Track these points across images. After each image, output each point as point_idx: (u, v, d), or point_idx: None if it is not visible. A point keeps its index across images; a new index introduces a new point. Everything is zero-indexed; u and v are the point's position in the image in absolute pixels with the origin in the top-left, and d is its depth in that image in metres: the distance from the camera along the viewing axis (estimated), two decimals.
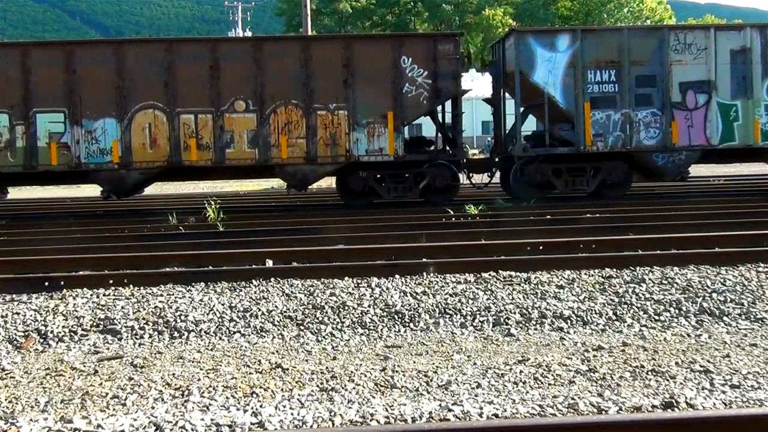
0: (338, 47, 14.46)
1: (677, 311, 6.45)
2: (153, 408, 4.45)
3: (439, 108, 15.72)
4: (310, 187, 16.02)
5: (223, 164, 14.35)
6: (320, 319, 6.43)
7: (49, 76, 14.02)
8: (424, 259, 8.20)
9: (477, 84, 35.43)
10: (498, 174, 16.22)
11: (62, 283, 7.57)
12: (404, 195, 14.92)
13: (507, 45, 15.38)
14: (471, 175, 15.81)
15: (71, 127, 14.12)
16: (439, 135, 15.68)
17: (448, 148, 15.51)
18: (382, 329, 6.25)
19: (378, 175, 14.87)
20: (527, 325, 6.25)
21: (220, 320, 6.43)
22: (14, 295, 7.34)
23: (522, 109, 15.27)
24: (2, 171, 14.23)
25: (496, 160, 16.15)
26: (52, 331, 6.25)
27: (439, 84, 14.53)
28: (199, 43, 14.64)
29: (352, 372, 5.02)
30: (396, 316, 6.45)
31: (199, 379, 4.96)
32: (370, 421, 4.14)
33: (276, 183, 23.54)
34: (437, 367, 5.12)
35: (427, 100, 14.55)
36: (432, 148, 15.59)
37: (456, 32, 15.84)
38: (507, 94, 16.14)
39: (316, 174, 14.71)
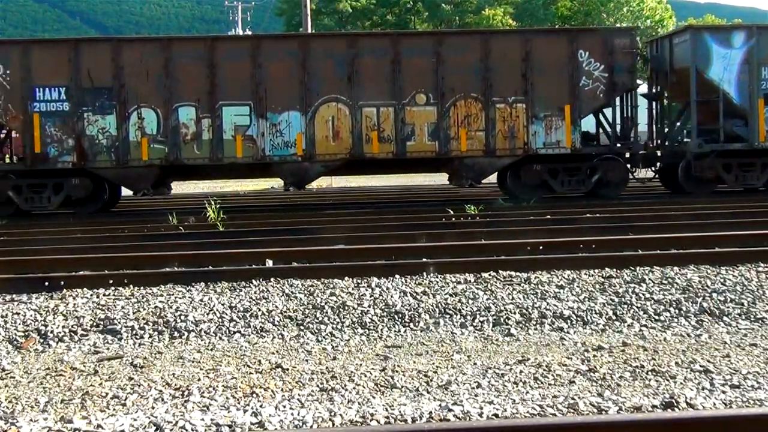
0: (517, 42, 14.77)
1: (677, 311, 6.44)
2: (153, 408, 4.45)
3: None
4: (309, 186, 16.05)
5: (404, 156, 14.59)
6: (320, 319, 6.43)
7: (235, 70, 14.26)
8: (424, 259, 8.20)
9: None
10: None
11: (62, 283, 7.57)
12: (576, 188, 15.16)
13: (676, 41, 15.57)
14: (634, 169, 15.92)
15: (256, 120, 14.37)
16: (608, 128, 15.81)
17: (617, 142, 15.71)
18: (382, 329, 6.25)
19: (550, 169, 15.05)
20: (527, 325, 6.25)
21: (220, 320, 6.42)
22: (14, 295, 7.34)
23: (680, 104, 15.54)
24: (188, 163, 14.43)
25: (658, 154, 16.18)
26: (52, 331, 6.25)
27: (615, 78, 14.80)
28: (382, 38, 15.20)
29: (352, 372, 5.02)
30: (396, 316, 6.45)
31: (199, 379, 4.96)
32: (370, 421, 4.14)
33: (276, 183, 23.48)
34: (437, 367, 5.12)
35: (603, 94, 14.81)
36: (596, 142, 15.90)
37: (632, 27, 16.29)
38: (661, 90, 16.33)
39: (493, 166, 14.97)
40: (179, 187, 23.32)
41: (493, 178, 16.96)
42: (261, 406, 4.39)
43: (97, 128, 14.21)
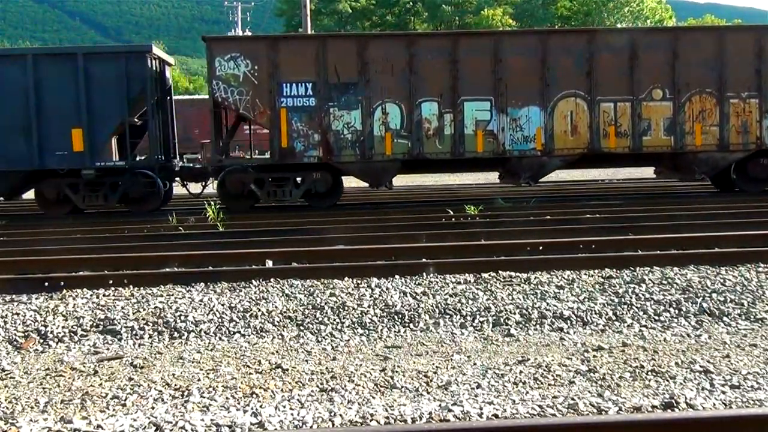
0: (751, 37, 14.89)
1: (677, 311, 6.45)
2: (153, 408, 4.45)
3: None
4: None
5: (640, 151, 14.79)
6: (320, 319, 6.43)
7: (476, 66, 14.42)
8: (424, 259, 8.20)
9: None
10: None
11: (62, 283, 7.57)
12: None
13: None
14: None
15: (497, 114, 14.51)
16: None
17: None
18: (381, 329, 6.25)
19: None
20: (527, 325, 6.25)
21: (219, 320, 6.43)
22: (14, 296, 7.34)
23: None
24: (430, 158, 14.55)
25: None
26: (51, 332, 6.25)
27: None
28: (620, 34, 15.36)
29: (351, 372, 5.02)
30: (396, 317, 6.45)
31: (198, 380, 4.96)
32: (370, 421, 4.14)
33: None
34: (437, 367, 5.12)
35: None
36: None
37: None
38: None
39: (725, 161, 15.06)
40: (179, 187, 23.26)
41: (493, 175, 16.92)
42: (261, 407, 4.39)
43: (342, 123, 14.40)
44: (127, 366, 5.39)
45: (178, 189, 16.84)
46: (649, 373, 4.88)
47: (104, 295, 7.27)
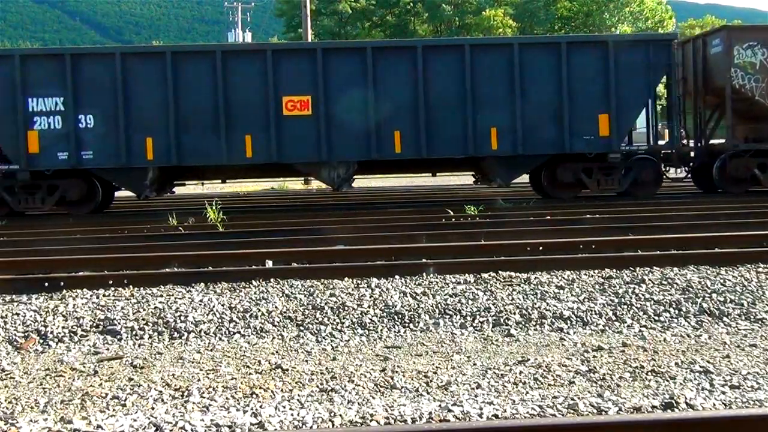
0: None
1: (677, 312, 6.44)
2: (153, 408, 4.45)
3: None
4: (309, 187, 16.04)
5: None
6: (320, 319, 6.43)
7: None
8: (424, 260, 8.20)
9: None
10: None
11: (62, 283, 7.56)
12: None
13: None
14: None
15: None
16: None
17: None
18: (381, 330, 6.25)
19: None
20: (527, 325, 6.25)
21: (219, 321, 6.43)
22: (14, 296, 7.34)
23: None
24: None
25: None
26: (51, 332, 6.25)
27: None
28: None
29: (351, 372, 5.02)
30: (396, 317, 6.45)
31: (198, 380, 4.96)
32: (370, 421, 4.14)
33: (276, 184, 23.54)
34: (437, 367, 5.12)
35: None
36: None
37: None
38: None
39: None
40: (179, 188, 23.28)
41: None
42: (261, 407, 4.39)
43: None
44: (127, 366, 5.39)
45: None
46: (649, 373, 4.88)
47: (104, 296, 7.27)
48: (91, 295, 7.27)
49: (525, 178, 16.57)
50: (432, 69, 14.52)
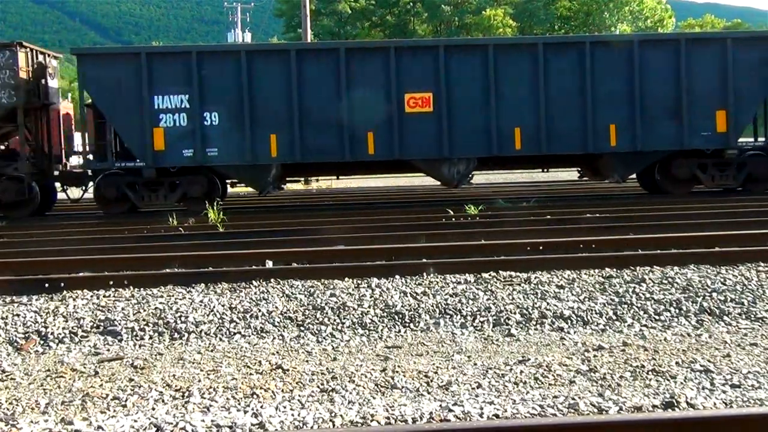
0: None
1: (677, 311, 6.44)
2: (153, 409, 4.45)
3: None
4: (309, 187, 16.03)
5: None
6: (320, 319, 6.43)
7: None
8: (424, 260, 8.20)
9: None
10: None
11: (62, 284, 7.56)
12: None
13: None
14: None
15: None
16: None
17: None
18: (382, 330, 6.25)
19: None
20: (527, 325, 6.25)
21: (220, 321, 6.42)
22: (14, 297, 7.34)
23: None
24: None
25: None
26: (52, 333, 6.25)
27: None
28: None
29: (352, 373, 5.02)
30: (396, 317, 6.45)
31: (199, 380, 4.96)
32: (371, 421, 4.14)
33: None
34: (437, 367, 5.12)
35: None
36: None
37: None
38: None
39: None
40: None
41: (496, 177, 16.93)
42: (261, 407, 4.39)
43: None
44: (127, 367, 5.39)
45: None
46: (650, 372, 4.88)
47: (104, 296, 7.27)
48: (91, 296, 7.27)
49: (523, 176, 16.57)
50: (552, 66, 14.60)
